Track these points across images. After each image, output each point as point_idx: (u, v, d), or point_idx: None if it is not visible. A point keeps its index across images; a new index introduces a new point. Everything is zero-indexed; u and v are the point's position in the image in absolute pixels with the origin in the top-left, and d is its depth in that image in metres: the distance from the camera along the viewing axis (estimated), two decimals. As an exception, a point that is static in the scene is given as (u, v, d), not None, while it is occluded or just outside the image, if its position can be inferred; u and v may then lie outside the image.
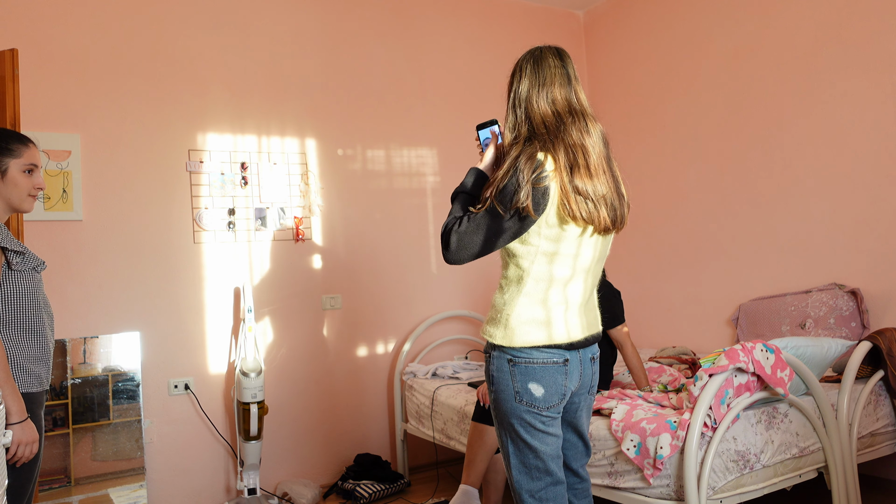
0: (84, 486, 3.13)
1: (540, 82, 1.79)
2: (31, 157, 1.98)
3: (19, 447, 1.79)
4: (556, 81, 1.79)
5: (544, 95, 1.78)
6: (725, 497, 2.29)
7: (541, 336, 1.77)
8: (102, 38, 3.41)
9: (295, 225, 3.80)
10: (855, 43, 3.32)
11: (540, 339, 1.77)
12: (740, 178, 3.86)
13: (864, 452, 2.73)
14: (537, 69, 1.80)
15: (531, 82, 1.80)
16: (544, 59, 1.81)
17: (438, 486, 3.71)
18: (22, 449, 1.80)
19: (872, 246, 3.27)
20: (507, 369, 1.79)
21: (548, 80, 1.79)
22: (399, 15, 4.24)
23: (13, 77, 2.80)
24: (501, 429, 1.85)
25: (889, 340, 2.78)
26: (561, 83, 1.79)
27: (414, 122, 4.24)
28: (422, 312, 4.15)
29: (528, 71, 1.82)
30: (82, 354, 3.22)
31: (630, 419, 2.42)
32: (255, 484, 3.39)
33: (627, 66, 4.60)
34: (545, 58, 1.82)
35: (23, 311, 1.90)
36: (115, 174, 3.40)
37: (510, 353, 1.79)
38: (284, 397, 3.72)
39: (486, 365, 1.86)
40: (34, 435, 1.83)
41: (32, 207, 2.02)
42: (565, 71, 1.81)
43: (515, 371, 1.78)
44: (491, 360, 1.83)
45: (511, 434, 1.83)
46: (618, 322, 2.93)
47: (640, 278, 4.49)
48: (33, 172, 1.99)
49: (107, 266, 3.35)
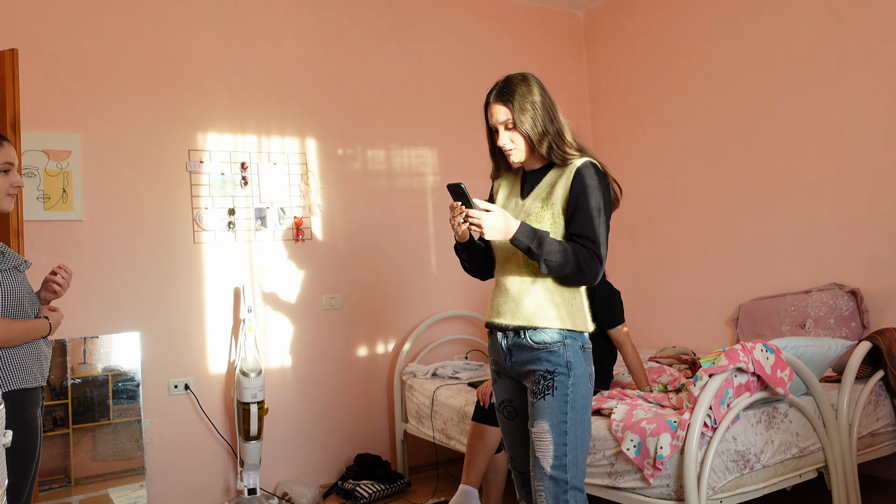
0: (84, 486, 3.13)
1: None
2: (5, 156, 1.97)
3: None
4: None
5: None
6: (725, 497, 2.28)
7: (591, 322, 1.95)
8: (102, 38, 3.41)
9: (295, 225, 3.80)
10: (855, 43, 3.32)
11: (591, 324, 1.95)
12: (740, 177, 3.86)
13: (864, 452, 2.73)
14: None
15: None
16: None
17: (438, 486, 3.71)
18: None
19: (872, 246, 3.27)
20: (582, 355, 1.89)
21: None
22: (399, 15, 4.24)
23: (13, 77, 2.80)
24: (574, 415, 1.84)
25: (889, 340, 2.78)
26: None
27: (414, 122, 4.23)
28: (422, 312, 4.15)
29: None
30: (82, 354, 3.22)
31: (630, 419, 2.42)
32: (255, 484, 3.39)
33: (627, 66, 4.59)
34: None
35: (5, 311, 1.89)
36: (115, 174, 3.40)
37: (581, 340, 1.90)
38: (284, 397, 3.72)
39: (548, 356, 1.86)
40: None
41: (12, 206, 2.01)
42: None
43: (586, 356, 1.90)
44: (566, 348, 1.87)
45: (585, 421, 1.86)
46: (618, 322, 2.93)
47: (640, 278, 4.49)
48: (9, 171, 1.98)
49: (107, 266, 3.35)
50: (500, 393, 2.07)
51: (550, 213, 1.90)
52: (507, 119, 1.90)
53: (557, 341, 1.86)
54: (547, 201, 1.91)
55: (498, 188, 2.11)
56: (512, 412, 2.04)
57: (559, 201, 1.89)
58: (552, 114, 1.92)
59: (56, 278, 2.08)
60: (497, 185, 2.12)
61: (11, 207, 2.01)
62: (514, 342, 1.93)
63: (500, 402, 2.08)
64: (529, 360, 1.90)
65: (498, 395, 2.08)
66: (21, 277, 1.96)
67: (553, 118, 1.91)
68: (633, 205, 4.53)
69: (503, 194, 2.08)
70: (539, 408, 1.85)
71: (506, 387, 2.04)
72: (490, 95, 1.94)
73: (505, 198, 2.06)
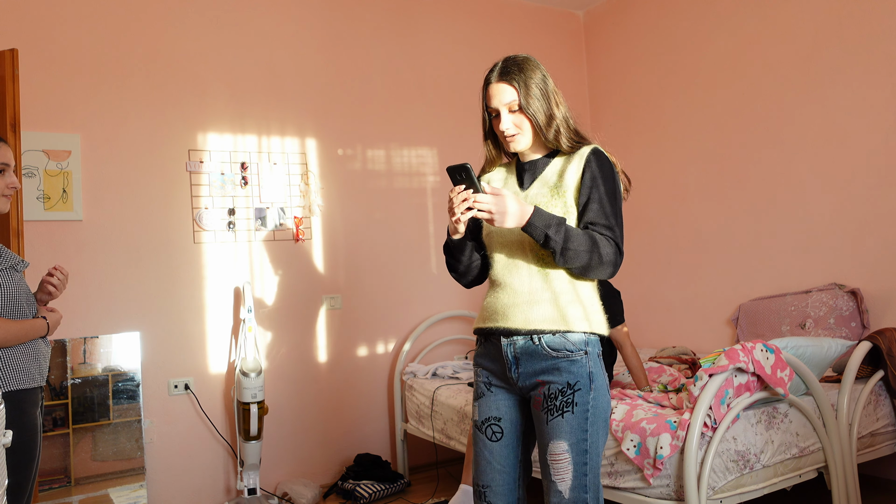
0: (84, 486, 3.13)
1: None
2: (1, 157, 1.96)
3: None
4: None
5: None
6: (725, 497, 2.29)
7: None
8: (102, 38, 3.41)
9: (295, 225, 3.80)
10: (855, 43, 3.32)
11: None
12: (740, 177, 3.86)
13: (864, 452, 2.73)
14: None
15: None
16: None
17: (438, 486, 3.71)
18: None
19: (872, 246, 3.27)
20: (601, 364, 1.71)
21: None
22: (399, 15, 4.24)
23: (13, 77, 2.80)
24: (594, 431, 1.65)
25: (889, 340, 2.78)
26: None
27: (414, 122, 4.23)
28: (422, 312, 4.15)
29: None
30: (82, 354, 3.22)
31: (630, 419, 2.42)
32: (255, 484, 3.39)
33: (627, 66, 4.59)
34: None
35: (2, 311, 1.89)
36: (115, 174, 3.40)
37: (599, 345, 1.73)
38: (284, 397, 3.72)
39: (568, 366, 1.66)
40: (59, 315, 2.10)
41: (8, 207, 2.01)
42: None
43: (601, 362, 1.72)
44: (588, 357, 1.67)
45: (604, 435, 1.69)
46: (617, 322, 2.92)
47: (640, 278, 4.49)
48: (5, 172, 1.98)
49: (107, 266, 3.35)
50: (486, 409, 1.78)
51: (562, 202, 1.70)
52: (513, 100, 1.70)
53: (580, 348, 1.66)
54: (557, 189, 1.72)
55: (489, 181, 1.90)
56: (498, 432, 1.76)
57: (571, 189, 1.71)
58: (558, 98, 1.75)
59: (52, 279, 2.07)
60: (487, 178, 1.90)
61: (7, 208, 2.01)
62: (525, 349, 1.69)
63: (483, 420, 1.78)
64: (544, 371, 1.67)
65: (483, 411, 1.78)
66: (18, 277, 1.95)
67: (559, 102, 1.75)
68: (633, 204, 4.53)
69: (497, 186, 1.86)
70: (557, 426, 1.64)
71: (497, 402, 1.77)
72: (492, 75, 1.74)
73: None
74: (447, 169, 1.61)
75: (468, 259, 1.82)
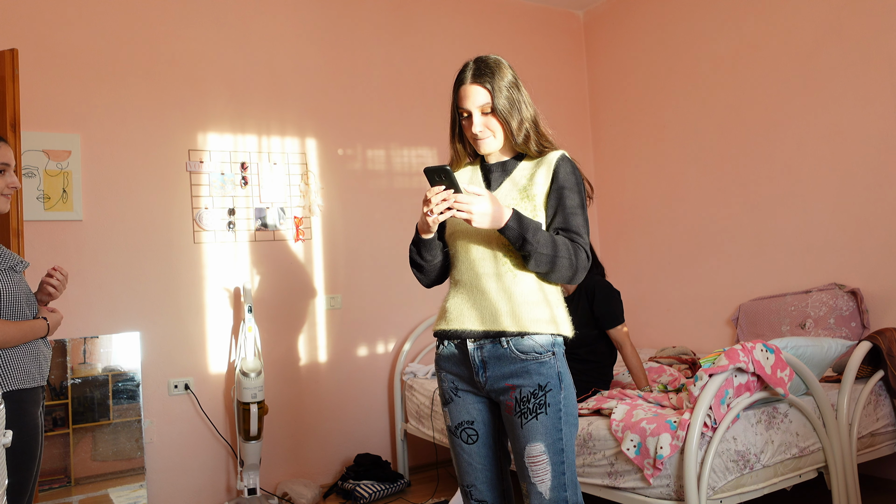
0: (84, 486, 3.13)
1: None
2: (1, 157, 1.96)
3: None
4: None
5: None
6: (725, 497, 2.29)
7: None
8: (102, 38, 3.41)
9: (295, 225, 3.80)
10: (855, 43, 3.32)
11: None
12: (740, 177, 3.86)
13: (864, 452, 2.73)
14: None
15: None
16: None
17: (438, 486, 3.71)
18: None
19: (872, 246, 3.27)
20: (566, 364, 1.71)
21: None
22: (399, 15, 4.24)
23: (13, 77, 2.80)
24: (568, 430, 1.67)
25: (889, 340, 2.78)
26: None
27: (414, 122, 4.23)
28: (422, 312, 4.15)
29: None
30: (82, 354, 3.22)
31: (630, 419, 2.42)
32: (255, 484, 3.39)
33: (627, 66, 4.59)
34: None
35: (1, 312, 1.89)
36: (115, 174, 3.40)
37: (563, 346, 1.72)
38: (284, 397, 3.72)
39: (538, 368, 1.66)
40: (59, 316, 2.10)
41: (7, 207, 2.01)
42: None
43: (566, 362, 1.72)
44: (556, 358, 1.68)
45: (575, 431, 1.70)
46: (618, 322, 2.93)
47: (640, 278, 4.49)
48: (5, 172, 1.98)
49: (107, 266, 3.35)
50: (458, 414, 1.78)
51: (531, 206, 1.71)
52: (486, 102, 1.72)
53: (548, 350, 1.66)
54: (526, 192, 1.72)
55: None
56: (473, 435, 1.77)
57: (540, 195, 1.72)
58: (527, 101, 1.76)
59: (52, 280, 2.07)
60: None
61: (7, 208, 2.01)
62: (492, 353, 1.68)
63: (457, 426, 1.79)
64: (513, 374, 1.67)
65: (455, 416, 1.78)
66: (18, 278, 1.95)
67: (528, 105, 1.76)
68: (633, 204, 4.54)
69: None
70: (532, 429, 1.65)
71: (466, 406, 1.77)
72: (464, 76, 1.75)
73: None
74: (425, 170, 1.61)
75: (434, 258, 1.81)
